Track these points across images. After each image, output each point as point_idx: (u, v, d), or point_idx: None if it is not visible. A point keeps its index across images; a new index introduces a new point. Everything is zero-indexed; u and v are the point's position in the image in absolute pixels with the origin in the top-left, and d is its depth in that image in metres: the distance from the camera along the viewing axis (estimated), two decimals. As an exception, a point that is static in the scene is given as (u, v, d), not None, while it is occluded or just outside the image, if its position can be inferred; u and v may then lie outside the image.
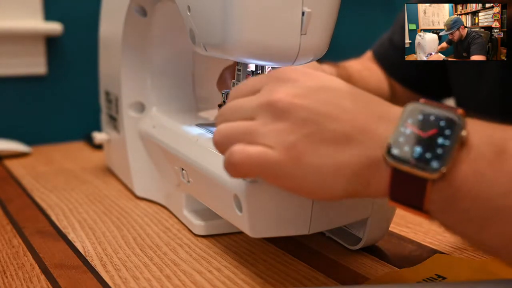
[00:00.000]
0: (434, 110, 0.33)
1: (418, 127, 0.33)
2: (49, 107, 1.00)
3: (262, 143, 0.36)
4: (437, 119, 0.33)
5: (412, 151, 0.32)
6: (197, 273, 0.47)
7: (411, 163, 0.32)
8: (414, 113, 0.33)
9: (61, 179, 0.74)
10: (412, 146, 0.32)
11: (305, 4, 0.44)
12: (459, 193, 0.31)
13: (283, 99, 0.36)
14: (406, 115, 0.34)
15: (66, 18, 0.98)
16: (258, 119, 0.37)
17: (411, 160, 0.32)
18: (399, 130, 0.33)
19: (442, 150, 0.31)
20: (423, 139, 0.32)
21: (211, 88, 0.67)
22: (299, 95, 0.36)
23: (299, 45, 0.45)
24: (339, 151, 0.34)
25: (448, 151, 0.31)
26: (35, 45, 0.96)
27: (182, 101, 0.67)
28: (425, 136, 0.32)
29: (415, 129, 0.33)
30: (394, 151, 0.32)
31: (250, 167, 0.36)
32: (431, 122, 0.33)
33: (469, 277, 0.45)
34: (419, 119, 0.33)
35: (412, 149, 0.32)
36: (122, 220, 0.59)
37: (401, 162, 0.32)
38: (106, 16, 0.73)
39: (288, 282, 0.45)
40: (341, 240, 0.53)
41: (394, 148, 0.32)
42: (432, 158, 0.31)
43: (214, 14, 0.46)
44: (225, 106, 0.41)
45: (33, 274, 0.47)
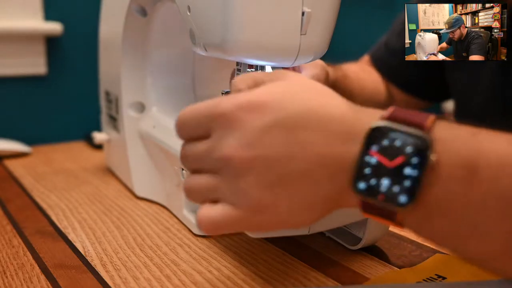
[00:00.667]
0: (400, 133, 0.31)
1: (384, 155, 0.31)
2: (49, 107, 1.00)
3: (225, 200, 0.35)
4: (403, 145, 0.30)
5: (379, 184, 0.30)
6: (197, 273, 0.47)
7: (379, 198, 0.31)
8: (379, 138, 0.31)
9: (61, 179, 0.74)
10: (379, 178, 0.30)
11: (305, 4, 0.44)
12: (432, 213, 0.30)
13: (235, 156, 0.34)
14: (370, 140, 0.31)
15: (66, 18, 0.98)
16: (219, 174, 0.36)
17: (379, 195, 0.31)
18: (364, 160, 0.31)
19: (410, 182, 0.30)
20: (390, 169, 0.30)
21: (211, 88, 0.67)
22: (248, 146, 0.34)
23: (299, 45, 0.45)
24: (303, 190, 0.33)
25: (416, 183, 0.29)
26: (35, 45, 0.96)
27: (182, 101, 0.67)
28: (392, 166, 0.30)
29: (380, 158, 0.31)
30: (360, 185, 0.31)
31: (217, 229, 0.36)
32: (396, 148, 0.30)
33: (469, 277, 0.45)
34: (384, 145, 0.31)
35: (379, 182, 0.30)
36: (122, 220, 0.59)
37: (369, 196, 0.31)
38: (106, 16, 0.73)
39: (288, 282, 0.45)
40: (341, 240, 0.53)
41: (360, 182, 0.31)
42: (400, 191, 0.30)
43: (214, 14, 0.46)
44: (186, 149, 0.39)
45: (33, 274, 0.47)
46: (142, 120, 0.66)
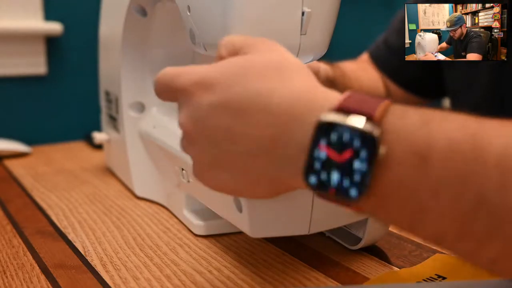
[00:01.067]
0: (348, 126, 0.30)
1: (333, 149, 0.30)
2: (49, 107, 1.00)
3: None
4: (352, 138, 0.30)
5: (329, 178, 0.31)
6: (197, 273, 0.47)
7: (330, 192, 0.31)
8: (327, 132, 0.31)
9: (61, 179, 0.74)
10: (329, 173, 0.31)
11: (305, 4, 0.44)
12: (385, 200, 0.30)
13: (184, 126, 0.37)
14: (319, 133, 0.31)
15: (66, 18, 0.98)
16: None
17: (330, 189, 0.31)
18: (313, 154, 0.31)
19: (360, 175, 0.30)
20: (339, 164, 0.30)
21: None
22: (195, 121, 0.36)
23: (299, 45, 0.45)
24: (245, 172, 0.35)
25: (366, 176, 0.30)
26: (35, 45, 0.96)
27: (182, 101, 0.67)
28: (341, 161, 0.30)
29: (329, 152, 0.31)
30: (312, 179, 0.31)
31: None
32: (345, 142, 0.30)
33: (469, 277, 0.45)
34: (333, 140, 0.30)
35: (329, 177, 0.31)
36: (122, 220, 0.59)
37: (321, 190, 0.31)
38: (106, 16, 0.73)
39: (288, 282, 0.45)
40: (341, 240, 0.53)
41: (311, 176, 0.31)
42: (350, 186, 0.30)
43: (214, 14, 0.46)
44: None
45: (33, 274, 0.47)
46: (142, 120, 0.66)
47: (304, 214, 0.45)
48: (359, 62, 0.88)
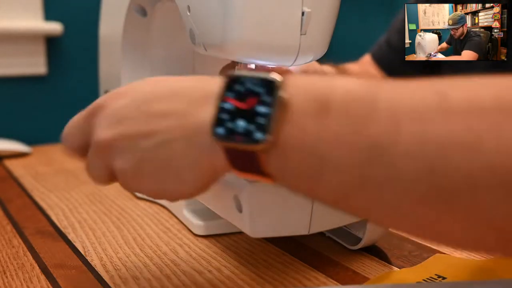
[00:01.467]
0: (251, 77, 0.32)
1: (238, 99, 0.32)
2: (49, 107, 1.00)
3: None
4: (255, 86, 0.32)
5: (236, 126, 0.32)
6: (197, 273, 0.47)
7: (237, 139, 0.32)
8: (233, 85, 0.33)
9: (61, 179, 0.74)
10: (235, 121, 0.32)
11: (305, 4, 0.44)
12: (288, 152, 0.31)
13: (100, 139, 0.38)
14: (224, 89, 0.33)
15: (66, 18, 0.98)
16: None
17: (237, 136, 0.32)
18: (219, 106, 0.32)
19: (264, 119, 0.31)
20: (245, 111, 0.32)
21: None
22: (109, 126, 0.37)
23: (299, 45, 0.45)
24: (169, 163, 0.35)
25: (269, 119, 0.31)
26: (35, 45, 0.96)
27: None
28: (246, 108, 0.32)
29: (235, 102, 0.32)
30: (218, 130, 0.32)
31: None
32: (249, 91, 0.32)
33: (469, 277, 0.45)
34: (238, 90, 0.32)
35: (236, 125, 0.32)
36: (122, 220, 0.59)
37: (228, 140, 0.32)
38: (106, 16, 0.73)
39: (288, 282, 0.45)
40: (341, 240, 0.53)
41: (218, 128, 0.32)
42: (256, 129, 0.31)
43: (214, 14, 0.46)
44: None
45: (33, 274, 0.47)
46: (142, 120, 0.66)
47: (304, 214, 0.45)
48: (361, 64, 0.88)
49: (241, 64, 0.51)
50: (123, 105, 0.37)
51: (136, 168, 0.36)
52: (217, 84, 0.34)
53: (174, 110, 0.35)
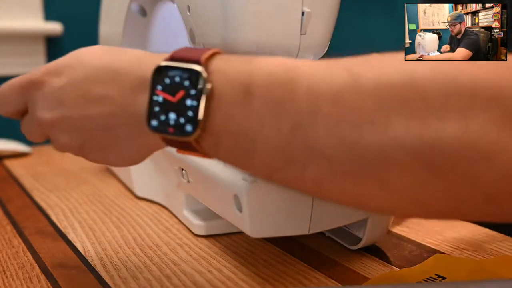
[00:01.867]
0: (178, 70, 0.34)
1: (168, 92, 0.34)
2: (49, 107, 1.00)
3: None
4: (182, 79, 0.33)
5: (168, 119, 0.33)
6: (197, 273, 0.47)
7: (170, 131, 0.34)
8: (161, 77, 0.34)
9: (61, 179, 0.74)
10: (167, 114, 0.33)
11: (305, 4, 0.44)
12: (219, 138, 0.33)
13: (43, 119, 0.39)
14: (155, 81, 0.34)
15: (66, 18, 0.98)
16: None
17: (170, 128, 0.33)
18: (152, 99, 0.34)
19: (192, 112, 0.33)
20: (174, 104, 0.33)
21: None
22: (50, 108, 0.38)
23: (299, 45, 0.45)
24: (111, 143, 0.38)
25: (196, 111, 0.32)
26: (35, 45, 0.96)
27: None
28: (175, 101, 0.33)
29: (165, 95, 0.34)
30: (153, 123, 0.34)
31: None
32: (177, 83, 0.33)
33: (469, 277, 0.45)
34: (167, 84, 0.34)
35: (168, 117, 0.33)
36: (122, 220, 0.59)
37: (162, 132, 0.34)
38: (106, 16, 0.73)
39: (288, 282, 0.45)
40: (341, 240, 0.53)
41: (153, 120, 0.34)
42: (186, 122, 0.33)
43: (214, 14, 0.46)
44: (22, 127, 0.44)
45: (33, 274, 0.47)
46: (142, 120, 0.66)
47: (304, 214, 0.45)
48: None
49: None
50: (61, 86, 0.38)
51: (81, 144, 0.39)
52: (152, 67, 0.34)
53: (111, 95, 0.36)
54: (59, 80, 0.38)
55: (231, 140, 0.33)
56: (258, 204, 0.43)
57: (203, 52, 0.34)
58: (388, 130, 0.29)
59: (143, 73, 0.35)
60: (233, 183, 0.44)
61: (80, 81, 0.38)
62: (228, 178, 0.45)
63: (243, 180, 0.43)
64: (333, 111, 0.30)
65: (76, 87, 0.38)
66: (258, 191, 0.43)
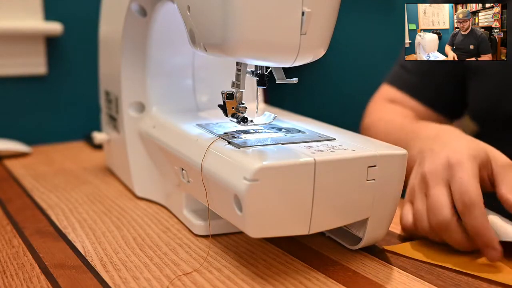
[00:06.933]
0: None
1: None
2: (49, 107, 1.00)
3: None
4: None
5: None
6: (197, 273, 0.47)
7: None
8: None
9: (61, 179, 0.74)
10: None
11: (305, 4, 0.44)
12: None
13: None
14: None
15: (66, 18, 0.98)
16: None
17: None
18: None
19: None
20: None
21: (211, 88, 0.67)
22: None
23: (299, 45, 0.45)
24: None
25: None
26: (35, 45, 0.96)
27: (182, 101, 0.67)
28: None
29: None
30: None
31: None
32: None
33: None
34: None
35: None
36: (122, 220, 0.59)
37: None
38: (106, 16, 0.73)
39: (288, 282, 0.45)
40: (341, 240, 0.53)
41: None
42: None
43: (214, 14, 0.46)
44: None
45: (33, 274, 0.47)
46: (142, 120, 0.66)
47: (304, 214, 0.45)
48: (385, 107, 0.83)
49: (241, 64, 0.51)
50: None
51: None
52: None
53: None
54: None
55: None
56: (258, 204, 0.43)
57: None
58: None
59: None
60: (233, 183, 0.44)
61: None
62: (228, 178, 0.45)
63: (243, 180, 0.43)
64: None
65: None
66: (258, 191, 0.43)
